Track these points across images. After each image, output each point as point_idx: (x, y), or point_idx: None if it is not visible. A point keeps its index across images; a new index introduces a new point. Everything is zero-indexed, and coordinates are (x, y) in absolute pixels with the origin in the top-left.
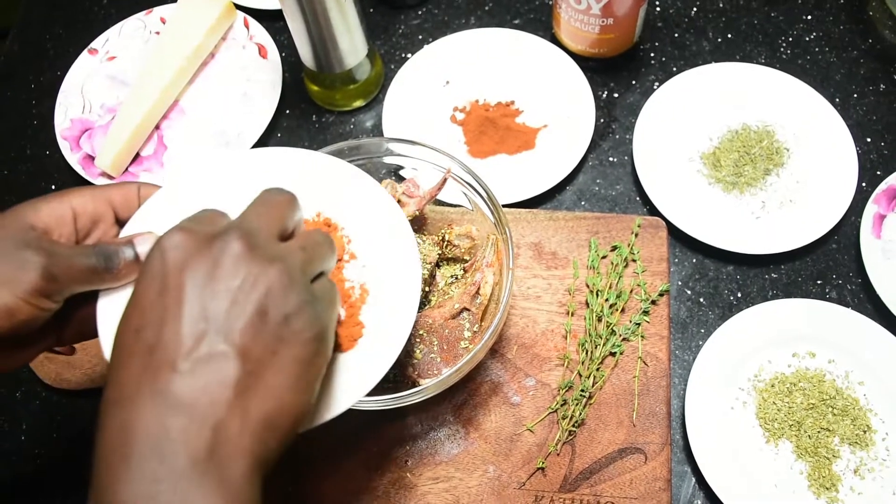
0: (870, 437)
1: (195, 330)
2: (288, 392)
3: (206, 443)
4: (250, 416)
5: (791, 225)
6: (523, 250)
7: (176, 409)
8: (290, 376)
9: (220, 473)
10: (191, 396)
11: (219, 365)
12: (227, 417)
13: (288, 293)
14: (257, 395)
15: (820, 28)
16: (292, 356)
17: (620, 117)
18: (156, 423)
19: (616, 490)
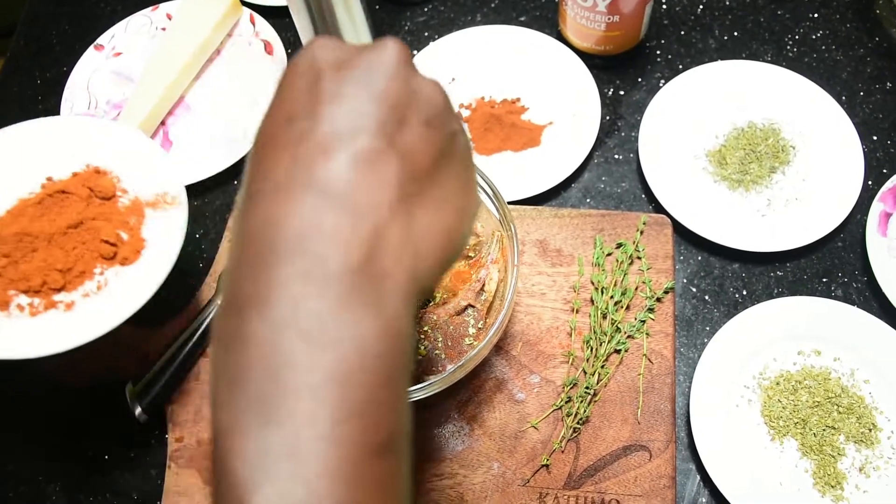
0: (875, 436)
1: (354, 124)
2: (451, 212)
3: (365, 246)
4: (413, 226)
5: (797, 223)
6: (528, 247)
7: (333, 203)
8: (454, 197)
9: (375, 285)
10: (349, 190)
11: (380, 163)
12: (388, 222)
13: (450, 111)
14: (421, 205)
15: (826, 26)
16: (456, 176)
17: (626, 115)
18: (309, 216)
19: (620, 487)
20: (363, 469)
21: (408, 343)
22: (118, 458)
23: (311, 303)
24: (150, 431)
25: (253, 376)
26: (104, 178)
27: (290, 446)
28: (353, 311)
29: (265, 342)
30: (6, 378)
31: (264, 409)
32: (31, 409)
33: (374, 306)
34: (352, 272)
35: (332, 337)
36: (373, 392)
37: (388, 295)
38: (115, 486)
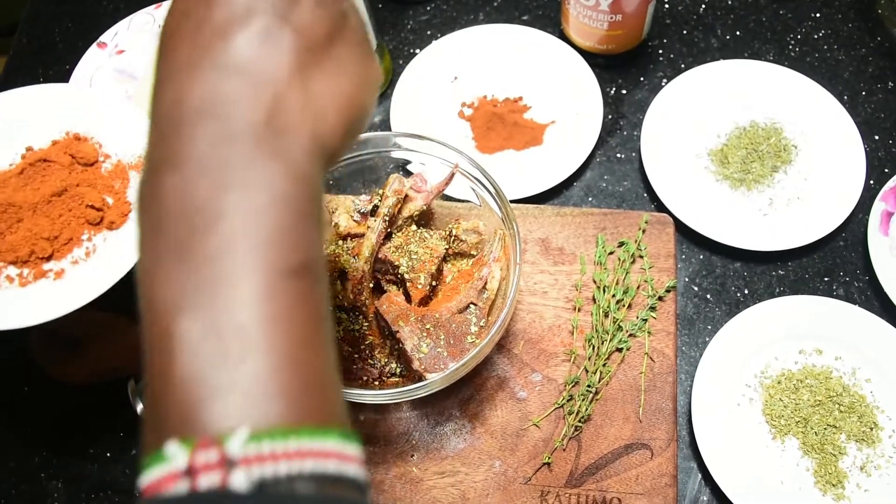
0: (876, 434)
1: (248, 6)
2: (348, 80)
3: (267, 107)
4: (311, 92)
5: (798, 222)
6: (530, 246)
7: (233, 74)
8: (350, 66)
9: (279, 140)
10: (247, 62)
11: (276, 37)
12: (287, 87)
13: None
14: (318, 74)
15: (828, 26)
16: (350, 49)
17: (628, 114)
18: (213, 87)
19: (622, 486)
20: (279, 286)
21: (315, 190)
22: (120, 455)
23: (221, 154)
24: None
25: (171, 221)
26: (85, 144)
27: (208, 273)
28: (260, 159)
29: (180, 192)
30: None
31: (184, 247)
32: (32, 406)
33: (280, 156)
34: (256, 128)
35: (241, 181)
36: (283, 224)
37: (291, 148)
38: (117, 483)
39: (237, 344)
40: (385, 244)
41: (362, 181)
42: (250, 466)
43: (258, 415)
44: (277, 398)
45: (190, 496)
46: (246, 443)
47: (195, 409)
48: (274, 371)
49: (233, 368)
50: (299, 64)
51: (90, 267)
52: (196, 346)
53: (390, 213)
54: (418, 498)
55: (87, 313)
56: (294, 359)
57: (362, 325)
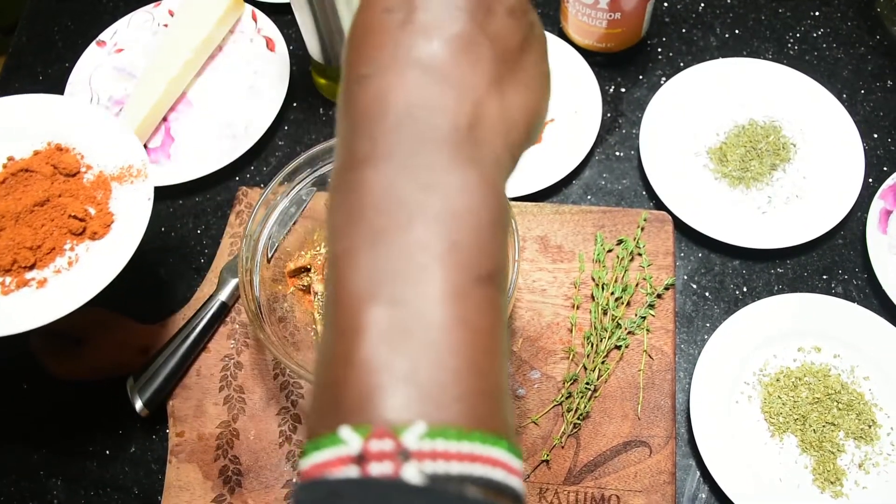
0: (875, 432)
1: (447, 12)
2: (537, 89)
3: (468, 116)
4: (505, 102)
5: (797, 220)
6: (529, 243)
7: (437, 79)
8: (538, 78)
9: (477, 151)
10: (451, 69)
11: (475, 46)
12: (485, 98)
13: (529, 3)
14: (513, 83)
15: (827, 24)
16: (538, 61)
17: (627, 112)
18: (417, 89)
19: (620, 483)
20: (469, 290)
21: (505, 200)
22: (119, 453)
23: (423, 155)
24: (150, 426)
25: (370, 213)
26: (67, 154)
27: (403, 266)
28: (460, 165)
29: (380, 187)
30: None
31: (381, 238)
32: (32, 404)
33: (477, 165)
34: (458, 134)
35: (441, 183)
36: (478, 230)
37: (487, 157)
38: (116, 481)
39: (423, 340)
40: None
41: None
42: (424, 461)
43: (436, 413)
44: (456, 400)
45: (360, 481)
46: (422, 437)
47: (374, 396)
48: (455, 373)
49: (416, 363)
50: (496, 74)
51: (73, 276)
52: (383, 335)
53: None
54: None
55: (86, 311)
56: (475, 364)
57: None
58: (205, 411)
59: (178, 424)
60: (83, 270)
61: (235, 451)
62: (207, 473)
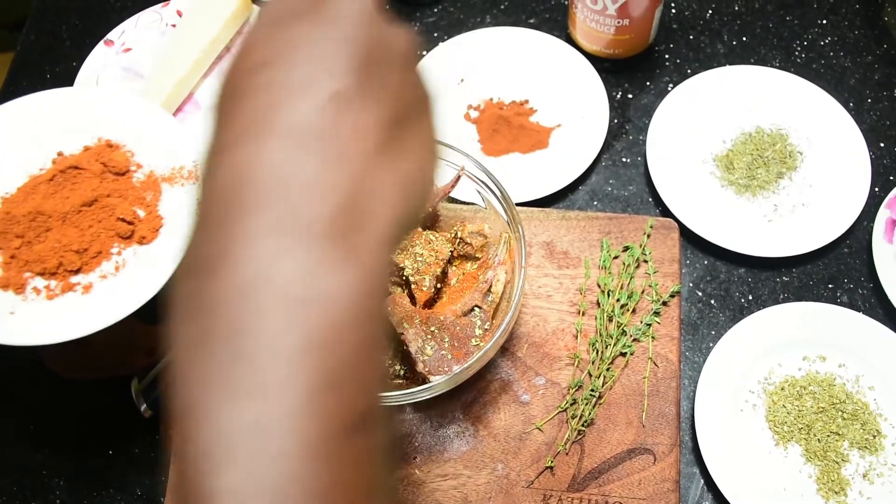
0: (879, 442)
1: (326, 67)
2: (429, 153)
3: (342, 194)
4: (390, 172)
5: (803, 228)
6: (535, 249)
7: (306, 149)
8: (430, 138)
9: (354, 237)
10: (324, 135)
11: (355, 107)
12: (365, 168)
13: (417, 60)
14: (402, 147)
15: (835, 33)
16: (427, 122)
17: (634, 118)
18: (281, 164)
19: (624, 490)
20: (340, 445)
21: (383, 299)
22: (122, 454)
23: (284, 258)
24: (154, 427)
25: (218, 344)
26: (117, 152)
27: (258, 422)
28: (331, 266)
29: (231, 304)
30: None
31: (230, 381)
32: (36, 404)
33: (354, 260)
34: (329, 223)
35: (307, 295)
36: (353, 356)
37: (367, 246)
38: (119, 482)
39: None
40: None
41: None
42: None
43: None
44: None
45: None
46: None
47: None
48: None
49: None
50: (381, 139)
51: (119, 282)
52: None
53: None
54: (420, 500)
55: None
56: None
57: None
58: None
59: None
60: (130, 277)
61: None
62: None
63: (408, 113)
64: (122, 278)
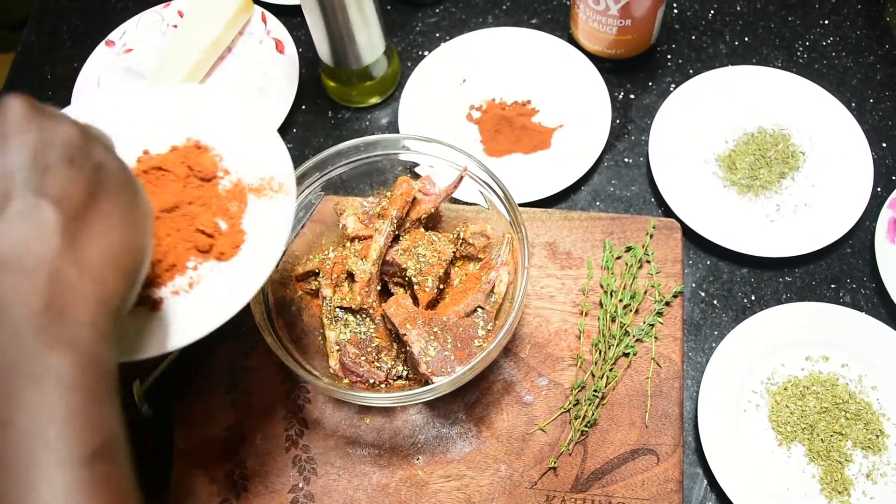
0: (882, 442)
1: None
2: (119, 231)
3: (42, 294)
4: (86, 259)
5: (806, 228)
6: (538, 250)
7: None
8: (117, 216)
9: (62, 327)
10: (14, 251)
11: (36, 216)
12: (60, 265)
13: (90, 143)
14: (87, 238)
15: (837, 33)
16: (115, 200)
17: (636, 118)
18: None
19: (628, 491)
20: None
21: (105, 364)
22: None
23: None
24: (156, 428)
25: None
26: (205, 155)
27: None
28: (45, 351)
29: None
30: None
31: None
32: None
33: (64, 342)
34: (36, 319)
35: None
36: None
37: (75, 327)
38: None
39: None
40: (393, 247)
41: (370, 183)
42: None
43: None
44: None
45: None
46: None
47: None
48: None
49: None
50: (67, 234)
51: (192, 301)
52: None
53: (398, 215)
54: (424, 501)
55: None
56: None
57: (369, 328)
58: (211, 414)
59: (183, 428)
60: (204, 295)
61: (241, 455)
62: (213, 477)
63: (91, 197)
64: (195, 296)
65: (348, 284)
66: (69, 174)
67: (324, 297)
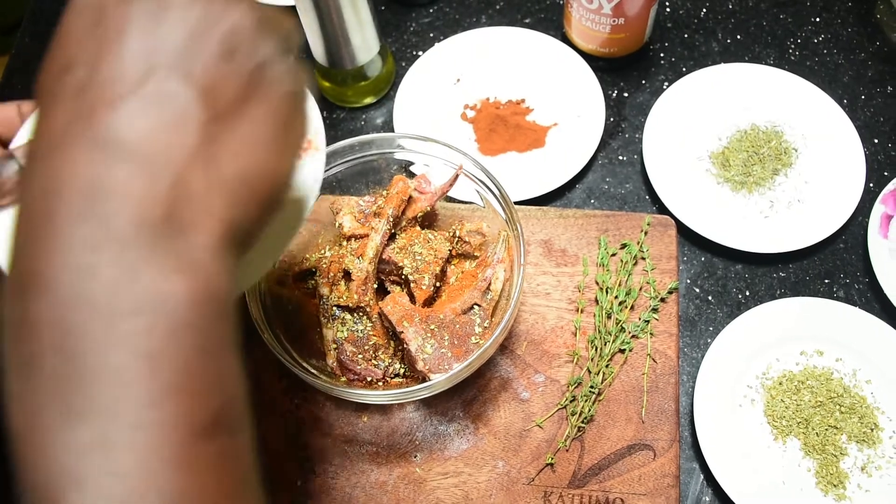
0: (877, 435)
1: (142, 64)
2: (265, 149)
3: (163, 199)
4: (220, 169)
5: (799, 224)
6: (533, 247)
7: (120, 156)
8: (267, 131)
9: (180, 242)
10: (139, 139)
11: (175, 104)
12: (189, 168)
13: (260, 36)
14: (228, 145)
15: (828, 30)
16: (268, 109)
17: (630, 116)
18: (92, 173)
19: (625, 486)
20: (190, 452)
21: (228, 303)
22: None
23: (103, 271)
24: None
25: (48, 365)
26: None
27: (99, 438)
28: (155, 274)
29: (56, 324)
30: None
31: (65, 401)
32: None
33: (182, 266)
34: (150, 230)
35: (131, 307)
36: (189, 365)
37: (197, 251)
38: None
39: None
40: (389, 245)
41: (366, 182)
42: None
43: None
44: None
45: None
46: None
47: None
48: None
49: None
50: (204, 137)
51: None
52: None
53: (394, 214)
54: (421, 498)
55: None
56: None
57: (366, 326)
58: None
59: None
60: None
61: None
62: None
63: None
64: None
65: (345, 283)
66: (225, 67)
67: (321, 296)
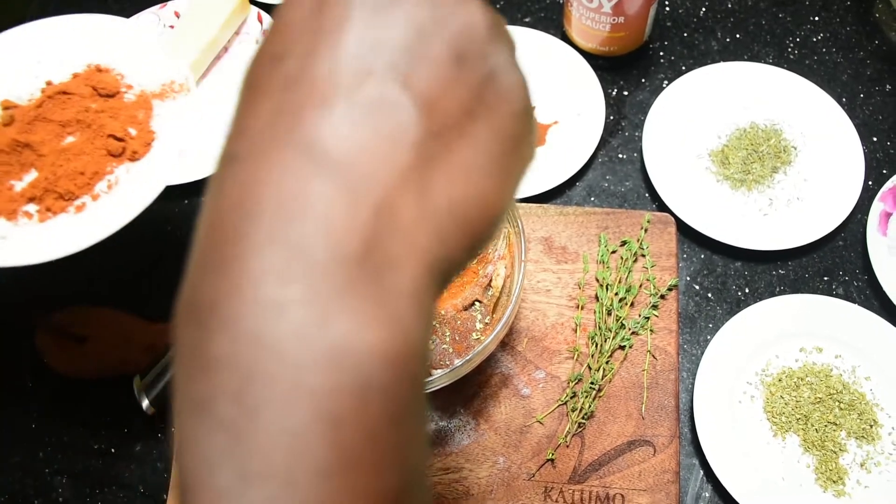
0: (876, 432)
1: (359, 63)
2: (487, 175)
3: (364, 228)
4: (432, 197)
5: (798, 222)
6: (533, 244)
7: (324, 170)
8: (492, 154)
9: (378, 284)
10: (346, 151)
11: (391, 115)
12: (398, 193)
13: (497, 41)
14: (444, 169)
15: (827, 29)
16: (495, 128)
17: (630, 115)
18: (292, 189)
19: (625, 482)
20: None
21: (423, 363)
22: (125, 451)
23: (292, 311)
24: (157, 425)
25: (223, 412)
26: (107, 75)
27: None
28: (349, 322)
29: (234, 367)
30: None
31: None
32: (37, 402)
33: (379, 315)
34: (346, 265)
35: (317, 358)
36: (375, 434)
37: (397, 297)
38: (122, 479)
39: None
40: None
41: None
42: None
43: None
44: None
45: None
46: None
47: None
48: None
49: None
50: (419, 158)
51: (112, 200)
52: None
53: None
54: None
55: (93, 310)
56: None
57: None
58: None
59: None
60: (123, 193)
61: None
62: None
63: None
64: (115, 195)
65: None
66: (451, 75)
67: None
